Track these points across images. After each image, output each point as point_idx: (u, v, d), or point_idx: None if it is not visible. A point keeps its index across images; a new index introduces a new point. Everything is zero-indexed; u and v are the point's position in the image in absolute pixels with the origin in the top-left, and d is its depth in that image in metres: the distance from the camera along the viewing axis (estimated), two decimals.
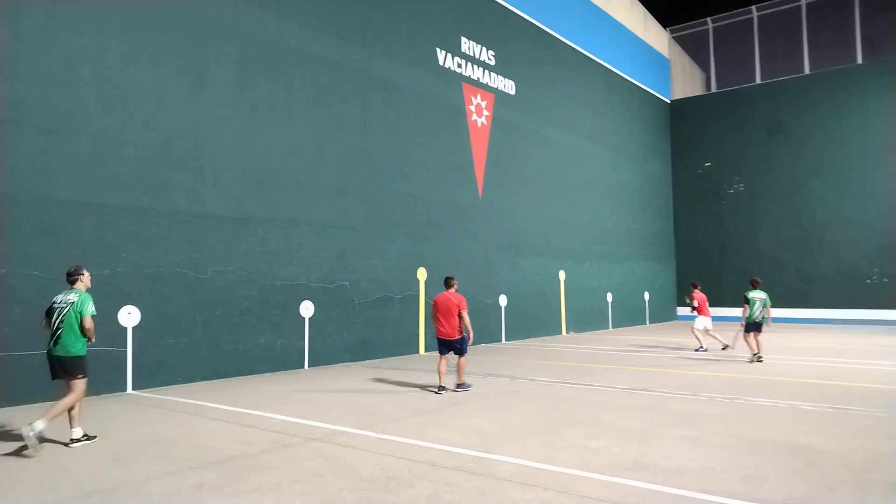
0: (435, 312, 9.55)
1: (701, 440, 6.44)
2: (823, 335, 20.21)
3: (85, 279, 6.81)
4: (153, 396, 9.35)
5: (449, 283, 9.79)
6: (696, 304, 15.59)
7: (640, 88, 27.22)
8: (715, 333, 15.29)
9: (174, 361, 10.42)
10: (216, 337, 11.03)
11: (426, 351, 15.12)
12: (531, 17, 20.25)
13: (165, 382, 10.24)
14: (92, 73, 9.72)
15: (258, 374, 11.60)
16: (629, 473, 5.28)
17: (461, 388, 9.51)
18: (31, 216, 8.93)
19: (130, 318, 9.85)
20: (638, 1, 28.25)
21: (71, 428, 6.49)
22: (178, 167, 10.70)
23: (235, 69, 11.70)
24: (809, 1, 27.29)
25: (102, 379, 9.19)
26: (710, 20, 30.25)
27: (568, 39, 22.20)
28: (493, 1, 18.72)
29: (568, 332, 20.88)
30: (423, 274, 15.30)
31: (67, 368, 6.46)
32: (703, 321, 15.38)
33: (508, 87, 18.99)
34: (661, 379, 10.84)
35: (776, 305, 24.28)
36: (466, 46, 17.47)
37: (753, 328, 13.10)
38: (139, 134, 10.22)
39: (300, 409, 8.26)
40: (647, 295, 26.29)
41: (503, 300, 18.04)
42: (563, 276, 20.79)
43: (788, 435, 6.61)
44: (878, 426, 7.01)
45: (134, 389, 9.79)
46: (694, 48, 31.79)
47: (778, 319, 25.10)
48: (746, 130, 27.52)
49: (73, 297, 6.56)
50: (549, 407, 8.35)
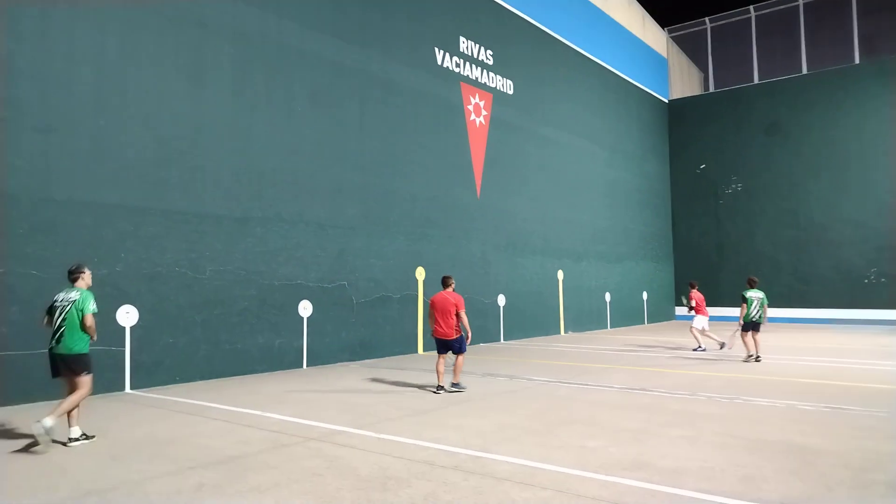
0: (432, 312, 9.53)
1: (699, 440, 6.44)
2: (821, 335, 20.23)
3: (86, 277, 6.84)
4: (151, 396, 9.35)
5: (446, 282, 9.74)
6: (693, 303, 15.62)
7: (638, 88, 27.25)
8: (711, 333, 15.31)
9: (172, 361, 10.42)
10: (214, 336, 11.03)
11: (424, 350, 15.13)
12: (529, 16, 20.25)
13: (164, 382, 10.24)
14: (90, 72, 9.71)
15: (257, 373, 11.60)
16: (627, 473, 5.29)
17: (455, 387, 9.48)
18: (29, 215, 8.92)
19: (129, 317, 9.84)
20: (636, 0, 28.27)
21: (69, 427, 6.49)
22: (176, 166, 10.70)
23: (234, 69, 11.69)
24: (807, 1, 27.33)
25: (100, 378, 9.13)
26: (707, 20, 30.29)
27: (566, 39, 22.21)
28: (491, 0, 18.73)
29: (566, 331, 20.89)
30: (421, 273, 15.31)
31: (72, 366, 6.49)
32: (701, 321, 15.42)
33: (507, 86, 19.00)
34: (658, 378, 10.85)
35: (775, 305, 24.44)
36: (465, 46, 17.47)
37: (751, 327, 13.15)
38: (138, 133, 10.21)
39: (299, 408, 8.26)
40: (645, 295, 26.32)
41: (501, 300, 18.05)
42: (561, 275, 20.81)
43: (787, 435, 6.62)
44: (876, 426, 7.03)
45: (132, 389, 9.79)
46: (692, 48, 31.84)
47: (776, 319, 25.19)
48: (744, 130, 27.54)
49: (74, 294, 6.59)
50: (546, 406, 8.36)
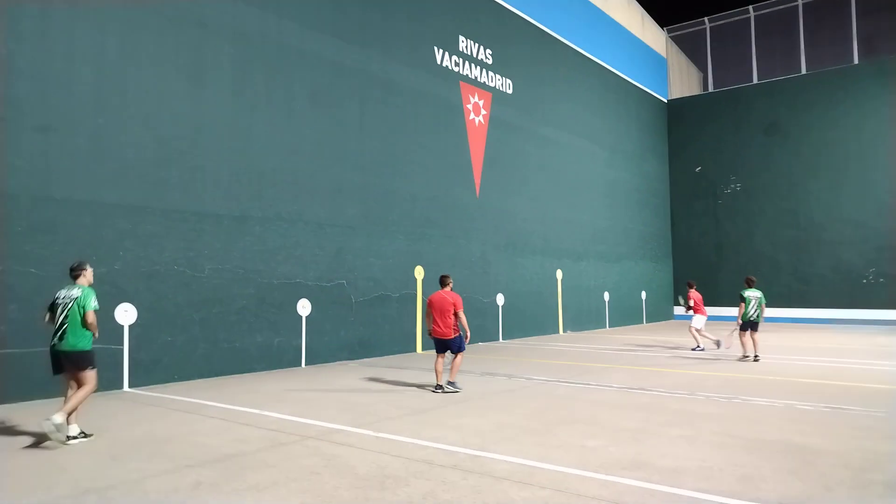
0: (430, 311, 9.49)
1: (698, 439, 6.44)
2: (820, 335, 20.24)
3: (87, 274, 6.89)
4: (150, 394, 9.33)
5: (444, 281, 9.67)
6: (692, 303, 15.66)
7: (637, 88, 27.25)
8: (707, 333, 15.34)
9: (171, 359, 10.41)
10: (213, 335, 11.02)
11: (423, 350, 15.12)
12: (529, 16, 20.24)
13: (162, 380, 10.23)
14: (90, 72, 9.69)
15: (255, 372, 11.59)
16: (626, 472, 5.29)
17: (451, 386, 9.41)
18: (28, 214, 8.91)
19: (127, 315, 9.83)
20: (635, 0, 28.27)
21: (67, 425, 6.48)
22: (175, 166, 10.68)
23: (234, 69, 11.68)
24: (806, 1, 27.33)
25: (99, 377, 9.00)
26: (707, 20, 30.29)
27: (565, 39, 22.20)
28: (491, 0, 18.71)
29: (565, 331, 20.89)
30: (420, 273, 15.30)
31: (76, 362, 6.55)
32: (700, 320, 15.45)
33: (506, 86, 18.99)
34: (657, 378, 10.85)
35: (774, 305, 24.46)
36: (464, 45, 17.46)
37: (749, 327, 13.16)
38: (137, 133, 10.20)
39: (297, 407, 8.25)
40: (644, 294, 26.32)
41: (500, 299, 18.04)
42: (560, 275, 20.81)
43: (785, 434, 6.62)
44: (875, 426, 7.03)
45: (130, 387, 9.78)
46: (691, 48, 31.85)
47: (776, 319, 25.21)
48: (743, 130, 27.55)
49: (76, 292, 6.63)
50: (545, 406, 8.36)
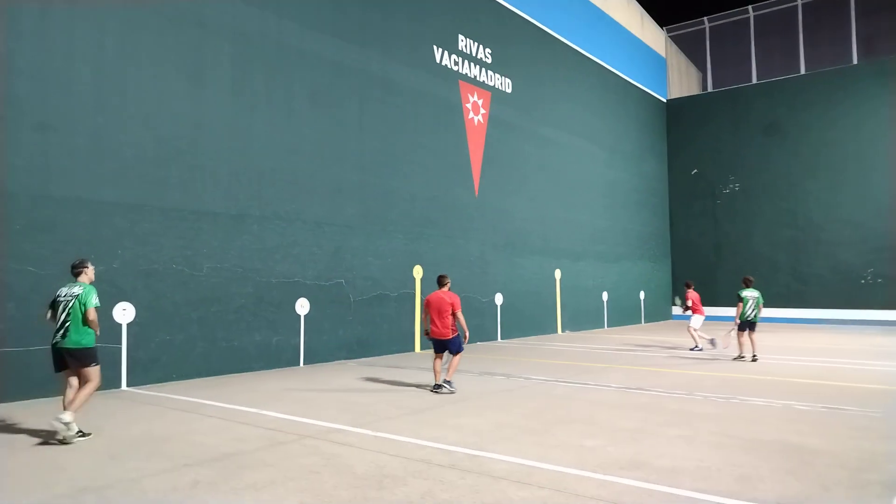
0: (427, 311, 9.44)
1: (696, 439, 6.45)
2: (818, 335, 20.26)
3: (89, 272, 6.95)
4: (148, 393, 9.33)
5: (442, 281, 9.60)
6: (690, 303, 15.70)
7: (636, 87, 27.25)
8: (702, 332, 15.36)
9: (169, 358, 10.40)
10: (211, 334, 11.01)
11: (422, 349, 15.12)
12: (528, 15, 20.23)
13: (160, 379, 10.22)
14: (90, 71, 9.68)
15: (253, 371, 11.58)
16: (624, 472, 5.29)
17: (447, 384, 9.31)
18: (26, 212, 8.89)
19: (125, 314, 9.82)
20: (635, 0, 28.27)
21: (53, 420, 6.49)
22: (174, 165, 10.67)
23: (234, 68, 11.66)
24: (805, 1, 27.35)
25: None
26: (706, 20, 30.30)
27: (565, 38, 22.19)
28: None
29: (563, 330, 20.90)
30: (419, 272, 15.30)
31: (80, 359, 6.60)
32: (698, 320, 15.50)
33: (505, 85, 18.98)
34: (656, 378, 10.86)
35: (772, 305, 24.45)
36: (463, 44, 17.45)
37: (747, 327, 13.18)
38: (136, 132, 10.18)
39: (295, 406, 8.25)
40: (642, 294, 26.34)
41: (499, 299, 18.04)
42: (558, 274, 20.81)
43: (783, 434, 6.63)
44: (873, 426, 7.04)
45: (128, 386, 9.77)
46: (690, 47, 31.86)
47: (774, 319, 25.23)
48: (742, 130, 27.56)
49: (77, 289, 6.68)
50: (544, 405, 8.36)
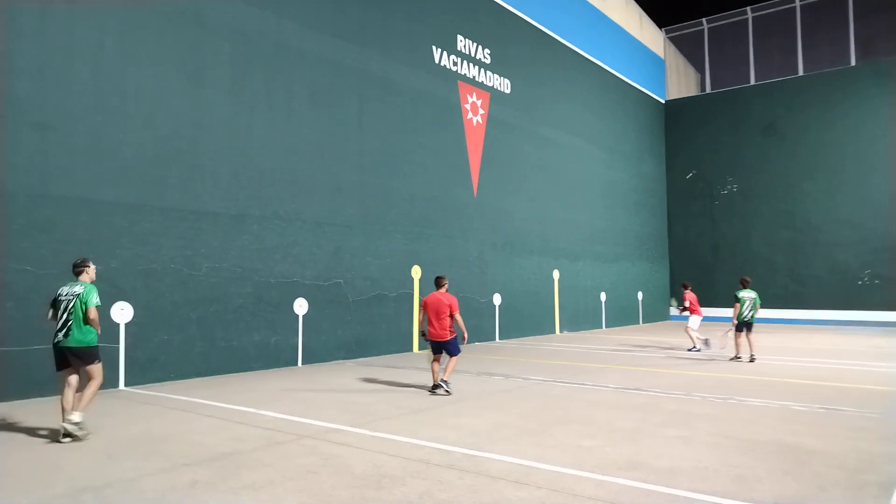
0: (425, 312, 9.39)
1: (693, 440, 6.46)
2: (816, 336, 20.30)
3: (90, 271, 6.97)
4: (146, 393, 9.33)
5: (439, 282, 9.57)
6: (687, 303, 15.72)
7: (634, 88, 27.27)
8: (697, 333, 15.38)
9: (167, 358, 10.40)
10: (210, 333, 11.01)
11: (420, 349, 15.13)
12: (527, 15, 20.25)
13: (158, 379, 10.22)
14: (89, 70, 9.67)
15: (252, 371, 11.59)
16: (622, 472, 5.30)
17: (444, 384, 9.24)
18: (25, 212, 8.89)
19: (123, 314, 9.82)
20: (633, 1, 28.29)
21: (64, 423, 6.49)
22: (174, 164, 10.67)
23: (233, 68, 11.67)
24: (804, 2, 27.39)
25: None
26: (705, 21, 30.32)
27: (564, 38, 22.21)
28: (489, 0, 18.75)
29: (562, 331, 20.92)
30: (417, 272, 15.31)
31: (83, 357, 6.66)
32: (696, 321, 15.51)
33: (504, 85, 18.99)
34: (653, 378, 10.87)
35: (770, 306, 24.48)
36: (462, 44, 17.46)
37: (744, 327, 13.21)
38: (136, 131, 10.18)
39: (293, 406, 8.25)
40: (640, 295, 26.36)
41: (497, 299, 18.05)
42: (557, 275, 20.83)
43: (780, 435, 6.64)
44: (870, 427, 7.05)
45: (126, 386, 9.77)
46: (689, 48, 31.89)
47: (772, 320, 25.26)
48: (741, 131, 27.60)
49: (78, 288, 6.71)
50: (542, 406, 8.37)
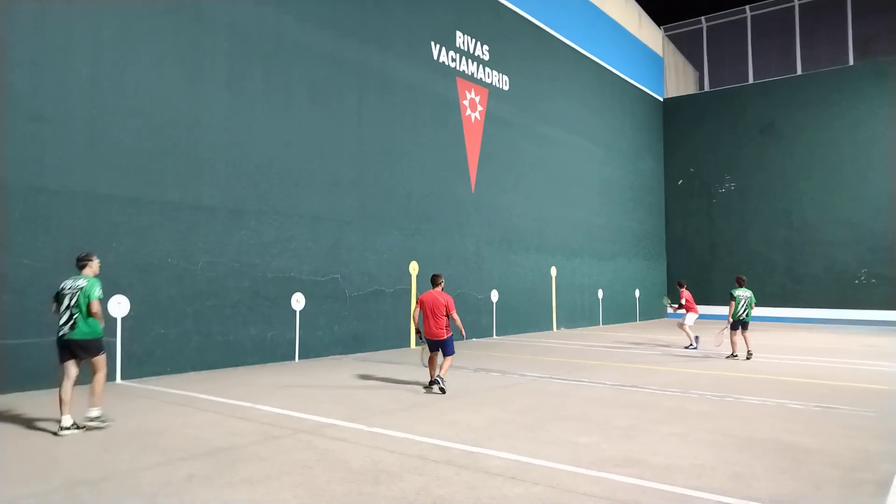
0: (421, 310, 9.27)
1: (690, 437, 6.47)
2: (812, 334, 20.35)
3: (93, 265, 7.01)
4: (142, 387, 9.31)
5: (436, 281, 9.48)
6: (683, 301, 15.77)
7: (633, 86, 27.26)
8: (689, 331, 15.44)
9: (164, 352, 10.38)
10: (207, 328, 10.99)
11: (417, 345, 15.12)
12: (526, 12, 20.21)
13: (155, 373, 10.20)
14: (86, 62, 9.63)
15: (248, 365, 11.57)
16: (618, 469, 5.31)
17: (440, 382, 9.10)
18: (21, 205, 8.85)
19: (120, 308, 9.79)
20: None
21: (62, 415, 6.49)
22: (171, 158, 10.63)
23: (231, 61, 11.62)
24: (803, 2, 27.39)
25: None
26: (703, 19, 30.29)
27: (562, 36, 22.18)
28: None
29: (558, 328, 20.94)
30: (415, 268, 15.30)
31: (90, 349, 6.78)
32: (692, 318, 15.57)
33: (502, 82, 18.97)
34: (650, 376, 10.89)
35: (767, 304, 24.57)
36: (461, 41, 17.43)
37: (739, 326, 13.24)
38: (133, 124, 10.14)
39: (290, 401, 8.25)
40: (637, 292, 26.39)
41: (494, 295, 18.06)
42: (554, 272, 20.84)
43: (777, 433, 6.65)
44: (866, 425, 7.07)
45: (123, 379, 9.75)
46: (687, 47, 31.86)
47: (769, 318, 25.33)
48: (739, 130, 27.61)
49: (81, 282, 6.74)
50: (538, 402, 8.38)
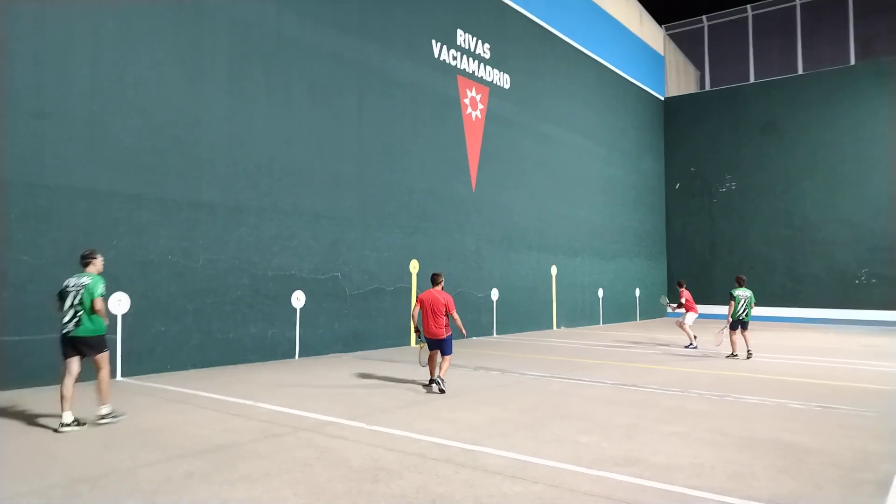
0: (421, 309, 9.21)
1: (690, 436, 6.46)
2: (813, 334, 20.34)
3: (97, 263, 7.06)
4: (142, 384, 9.31)
5: (436, 280, 9.44)
6: (683, 300, 15.77)
7: (634, 85, 27.23)
8: (688, 330, 15.44)
9: (164, 349, 10.38)
10: (207, 325, 10.99)
11: (417, 343, 15.10)
12: (527, 11, 20.19)
13: (155, 370, 10.20)
14: (87, 58, 9.62)
15: (248, 363, 11.57)
16: (618, 468, 5.30)
17: (440, 381, 9.08)
18: (22, 201, 8.85)
19: (120, 305, 9.79)
20: None
21: (63, 412, 6.49)
22: (172, 155, 10.63)
23: (232, 59, 11.61)
24: (804, 1, 27.35)
25: (91, 366, 9.11)
26: (705, 18, 30.27)
27: (564, 34, 22.16)
28: None
29: (559, 326, 20.93)
30: (415, 266, 15.29)
31: (94, 346, 6.81)
32: (692, 318, 15.57)
33: (503, 80, 18.95)
34: (650, 375, 10.88)
35: (768, 304, 24.57)
36: (462, 39, 17.41)
37: (739, 325, 13.24)
38: (134, 121, 10.14)
39: (290, 398, 8.24)
40: (637, 291, 26.38)
41: (495, 294, 18.05)
42: (554, 270, 20.83)
43: (777, 433, 6.65)
44: (866, 425, 7.06)
45: (123, 377, 9.75)
46: (689, 46, 31.84)
47: (769, 318, 25.33)
48: (740, 129, 27.59)
49: (85, 280, 6.79)
50: (539, 401, 8.37)
